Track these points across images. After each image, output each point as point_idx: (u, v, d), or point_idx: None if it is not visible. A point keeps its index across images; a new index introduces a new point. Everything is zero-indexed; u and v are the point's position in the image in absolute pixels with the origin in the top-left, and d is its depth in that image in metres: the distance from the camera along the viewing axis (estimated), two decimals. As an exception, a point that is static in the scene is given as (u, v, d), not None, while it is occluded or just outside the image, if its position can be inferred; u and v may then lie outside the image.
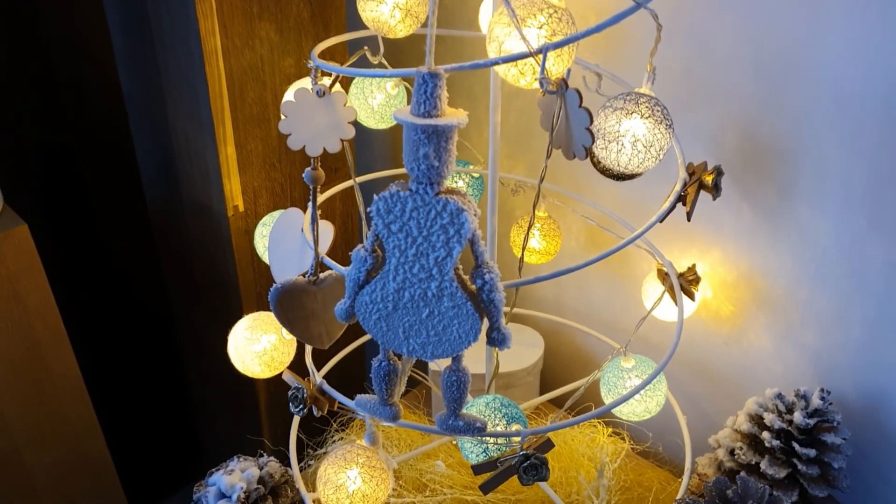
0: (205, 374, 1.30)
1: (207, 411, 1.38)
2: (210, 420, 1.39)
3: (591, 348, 1.19)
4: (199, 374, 1.32)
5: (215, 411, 1.34)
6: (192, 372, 1.35)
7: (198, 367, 1.32)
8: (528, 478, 0.69)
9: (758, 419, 0.92)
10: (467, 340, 0.63)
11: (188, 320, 1.26)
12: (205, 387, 1.33)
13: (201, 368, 1.30)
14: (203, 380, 1.32)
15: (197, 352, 1.28)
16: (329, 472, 0.74)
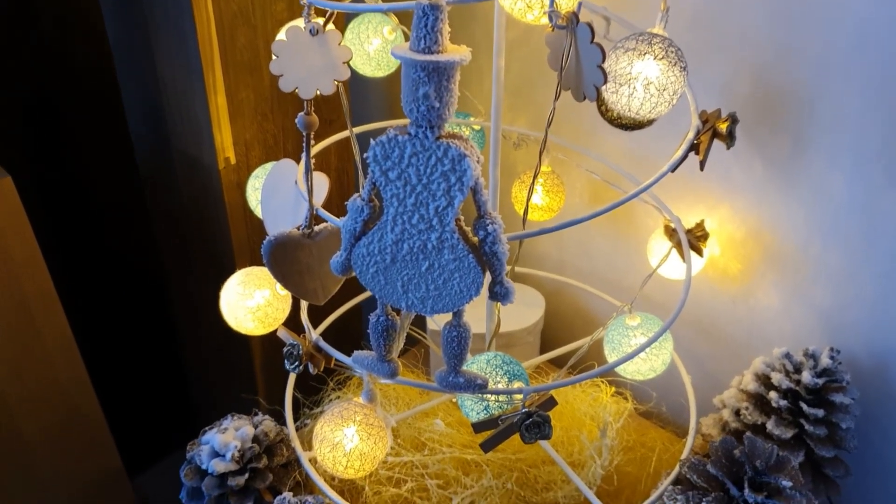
0: (199, 333, 1.27)
1: (202, 371, 1.36)
2: (205, 380, 1.37)
3: (594, 308, 1.16)
4: (193, 333, 1.30)
5: (210, 371, 1.32)
6: (186, 331, 1.33)
7: (191, 326, 1.29)
8: (529, 436, 0.67)
9: (765, 379, 0.90)
10: (469, 294, 0.61)
11: (180, 278, 1.23)
12: (199, 346, 1.31)
13: (195, 327, 1.28)
14: (197, 339, 1.30)
15: (190, 310, 1.26)
16: (325, 430, 0.72)
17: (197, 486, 0.82)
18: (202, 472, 0.82)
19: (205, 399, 1.43)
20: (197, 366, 1.38)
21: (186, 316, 1.29)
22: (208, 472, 0.81)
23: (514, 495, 0.85)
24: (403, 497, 0.84)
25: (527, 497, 0.86)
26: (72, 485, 1.13)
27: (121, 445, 1.25)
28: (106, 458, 1.16)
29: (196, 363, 1.37)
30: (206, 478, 0.81)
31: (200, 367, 1.36)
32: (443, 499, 0.84)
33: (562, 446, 0.87)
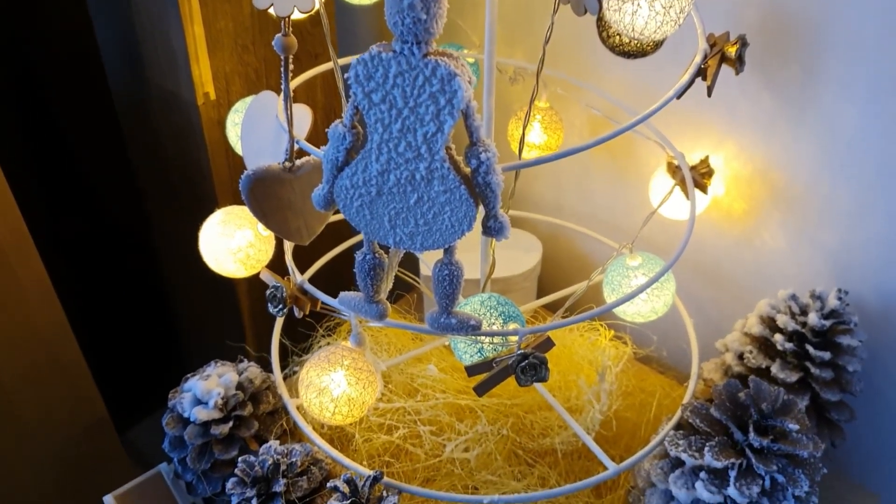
0: (184, 281, 1.23)
1: (188, 320, 1.33)
2: (191, 329, 1.34)
3: (592, 253, 1.13)
4: (179, 281, 1.26)
5: (198, 322, 1.29)
6: (172, 279, 1.29)
7: (177, 274, 1.26)
8: (525, 378, 0.64)
9: (770, 321, 0.87)
10: (460, 229, 0.56)
11: (163, 223, 1.18)
12: (186, 295, 1.27)
13: (180, 275, 1.24)
14: (183, 287, 1.26)
15: (174, 256, 1.22)
16: (311, 374, 0.69)
17: (179, 435, 0.79)
18: (185, 421, 0.79)
19: (194, 350, 1.40)
20: (185, 316, 1.34)
21: (171, 263, 1.25)
22: (191, 421, 0.78)
23: (509, 441, 0.83)
24: (395, 444, 0.82)
25: (523, 443, 0.83)
26: (56, 435, 1.11)
27: (110, 398, 1.22)
28: (90, 408, 1.14)
29: (184, 313, 1.34)
30: (189, 426, 0.78)
31: (189, 317, 1.33)
32: (436, 445, 0.81)
33: (559, 391, 0.84)
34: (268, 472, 0.73)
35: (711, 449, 0.70)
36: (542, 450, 0.85)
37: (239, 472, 0.73)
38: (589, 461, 0.88)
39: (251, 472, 0.73)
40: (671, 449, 0.74)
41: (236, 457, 0.76)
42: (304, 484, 0.73)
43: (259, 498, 0.72)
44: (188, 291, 1.26)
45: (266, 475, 0.73)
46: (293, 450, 0.75)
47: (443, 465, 0.81)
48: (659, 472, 0.75)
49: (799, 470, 0.70)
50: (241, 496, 0.73)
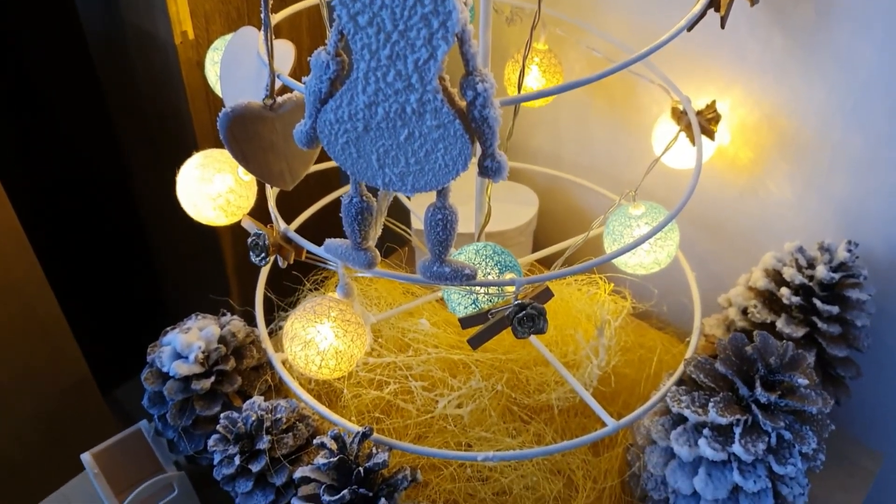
0: (165, 232, 1.19)
1: (171, 275, 1.29)
2: (175, 284, 1.30)
3: (591, 206, 1.09)
4: (160, 232, 1.22)
5: (180, 274, 1.25)
6: (152, 231, 1.24)
7: (157, 225, 1.21)
8: (523, 330, 0.60)
9: (775, 275, 0.83)
10: (455, 169, 0.52)
11: (142, 171, 1.13)
12: (167, 247, 1.23)
13: (161, 226, 1.19)
14: (164, 239, 1.22)
15: (154, 207, 1.17)
16: (296, 326, 0.65)
17: (159, 391, 0.75)
18: (164, 376, 0.75)
19: (179, 307, 1.36)
20: (168, 271, 1.30)
21: (151, 214, 1.21)
22: (170, 376, 0.74)
23: (504, 397, 0.80)
24: (386, 400, 0.78)
25: (518, 399, 0.80)
26: (37, 393, 1.08)
27: (94, 357, 1.19)
28: (72, 366, 1.10)
29: (167, 267, 1.30)
30: (169, 381, 0.74)
31: (172, 271, 1.29)
32: (428, 401, 0.78)
33: (556, 346, 0.81)
34: (251, 429, 0.69)
35: (716, 405, 0.67)
36: (537, 406, 0.82)
37: (221, 429, 0.70)
38: (586, 418, 0.85)
39: (234, 429, 0.69)
40: (673, 405, 0.71)
41: (219, 413, 0.73)
42: (289, 441, 0.70)
43: (242, 455, 0.69)
44: (171, 244, 1.22)
45: (250, 432, 0.69)
46: (278, 406, 0.72)
47: (435, 422, 0.78)
48: (660, 428, 0.73)
49: (806, 427, 0.67)
50: (224, 453, 0.69)
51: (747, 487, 0.66)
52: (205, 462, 0.80)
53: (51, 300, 1.00)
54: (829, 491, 0.85)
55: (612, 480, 0.80)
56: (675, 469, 0.71)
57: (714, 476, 0.69)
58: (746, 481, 0.66)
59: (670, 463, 0.72)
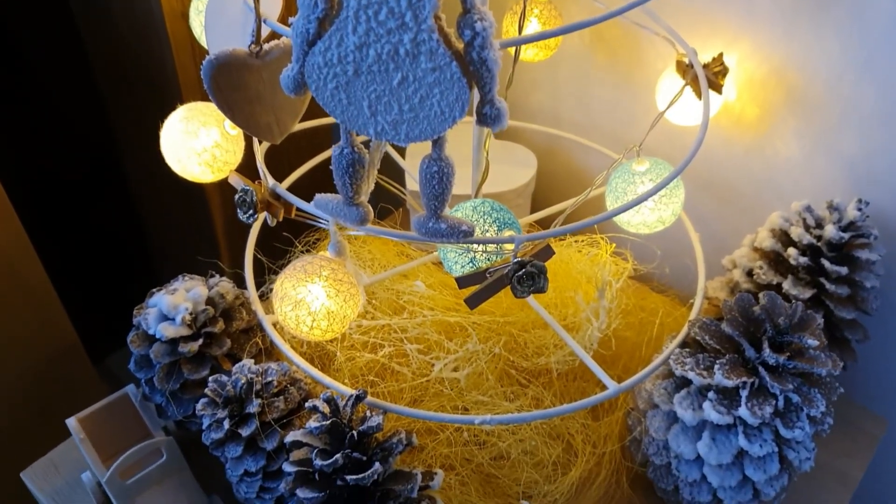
0: (153, 195, 1.16)
1: (160, 240, 1.26)
2: (163, 249, 1.27)
3: (591, 167, 1.06)
4: (147, 195, 1.18)
5: (168, 239, 1.22)
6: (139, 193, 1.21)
7: (144, 188, 1.18)
8: (522, 289, 0.58)
9: (782, 235, 0.81)
10: (451, 116, 0.49)
11: (126, 127, 1.10)
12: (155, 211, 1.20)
13: (148, 189, 1.16)
14: (152, 202, 1.19)
15: (143, 169, 1.14)
16: (286, 286, 0.62)
17: (145, 354, 0.73)
18: (150, 339, 0.73)
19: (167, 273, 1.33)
20: (157, 235, 1.27)
21: (140, 177, 1.17)
22: (157, 338, 0.71)
23: (502, 360, 0.77)
24: (380, 363, 0.76)
25: (516, 363, 0.78)
26: (25, 360, 1.05)
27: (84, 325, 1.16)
28: (59, 332, 1.08)
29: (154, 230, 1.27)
30: (155, 344, 0.72)
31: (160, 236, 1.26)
32: (423, 365, 0.76)
33: (555, 309, 0.79)
34: (241, 392, 0.67)
35: (722, 367, 0.65)
36: (536, 370, 0.80)
37: (209, 392, 0.68)
38: (585, 382, 0.83)
39: (223, 392, 0.67)
40: (677, 368, 0.69)
41: (207, 377, 0.70)
42: (280, 405, 0.67)
43: (231, 419, 0.66)
44: (158, 207, 1.18)
45: (239, 395, 0.67)
46: (269, 369, 0.69)
47: (431, 386, 0.76)
48: (662, 392, 0.70)
49: (815, 389, 0.65)
50: (213, 417, 0.67)
51: (753, 452, 0.65)
52: (194, 427, 0.78)
53: (36, 265, 0.97)
54: (833, 456, 0.83)
55: (611, 445, 0.78)
56: (677, 433, 0.69)
57: (718, 440, 0.67)
58: (752, 445, 0.65)
59: (673, 427, 0.70)
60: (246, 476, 0.68)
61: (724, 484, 0.68)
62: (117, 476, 0.70)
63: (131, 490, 0.72)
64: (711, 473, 0.68)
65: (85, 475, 0.77)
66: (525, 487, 0.73)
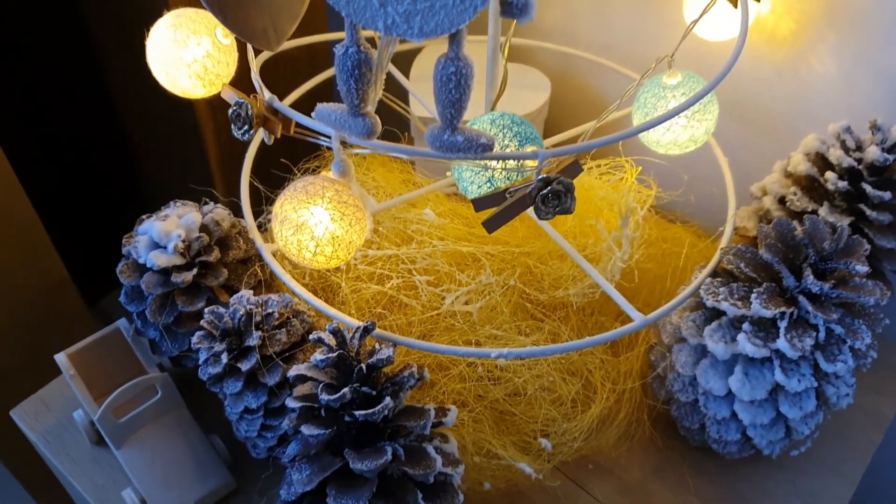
0: (143, 125, 1.10)
1: (150, 172, 1.20)
2: (154, 183, 1.21)
3: (609, 92, 0.99)
4: (137, 125, 1.12)
5: (159, 171, 1.16)
6: (129, 122, 1.15)
7: (134, 116, 1.11)
8: (547, 209, 0.52)
9: (818, 159, 0.75)
10: (472, 5, 0.43)
11: (111, 48, 1.02)
12: (146, 140, 1.14)
13: (138, 117, 1.10)
14: (142, 130, 1.12)
15: (131, 94, 1.07)
16: (287, 208, 0.57)
17: (136, 285, 0.68)
18: (141, 268, 0.68)
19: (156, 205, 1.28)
20: (145, 165, 1.21)
21: (128, 104, 1.10)
22: (148, 268, 0.66)
23: (517, 293, 0.73)
24: (388, 296, 0.71)
25: (531, 296, 0.73)
26: (14, 297, 1.01)
27: (78, 267, 1.12)
28: (49, 268, 1.03)
29: (144, 162, 1.20)
30: (146, 274, 0.67)
31: (149, 166, 1.19)
32: (434, 298, 0.71)
33: (574, 238, 0.74)
34: (239, 324, 0.62)
35: (759, 296, 0.60)
36: (552, 304, 0.75)
37: (205, 324, 0.63)
38: (604, 316, 0.78)
39: (220, 324, 0.62)
40: (707, 299, 0.64)
41: (203, 309, 0.66)
42: (282, 338, 0.63)
43: (230, 353, 0.62)
44: (148, 138, 1.12)
45: (237, 327, 0.62)
46: (269, 300, 0.65)
47: (441, 320, 0.71)
48: (691, 325, 0.66)
49: (859, 321, 0.60)
50: (209, 351, 0.62)
51: (790, 387, 0.60)
52: (190, 364, 0.74)
53: (21, 197, 0.92)
54: (862, 393, 0.79)
55: (632, 382, 0.74)
56: (706, 369, 0.65)
57: (752, 375, 0.62)
58: (789, 380, 0.60)
59: (701, 362, 0.66)
60: (246, 413, 0.64)
61: (755, 421, 0.64)
62: (110, 413, 0.66)
63: (125, 428, 0.68)
64: (743, 410, 0.64)
65: (77, 413, 0.73)
66: (542, 425, 0.70)
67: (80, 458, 0.73)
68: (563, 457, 0.71)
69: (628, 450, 0.74)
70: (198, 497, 0.67)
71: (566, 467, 0.73)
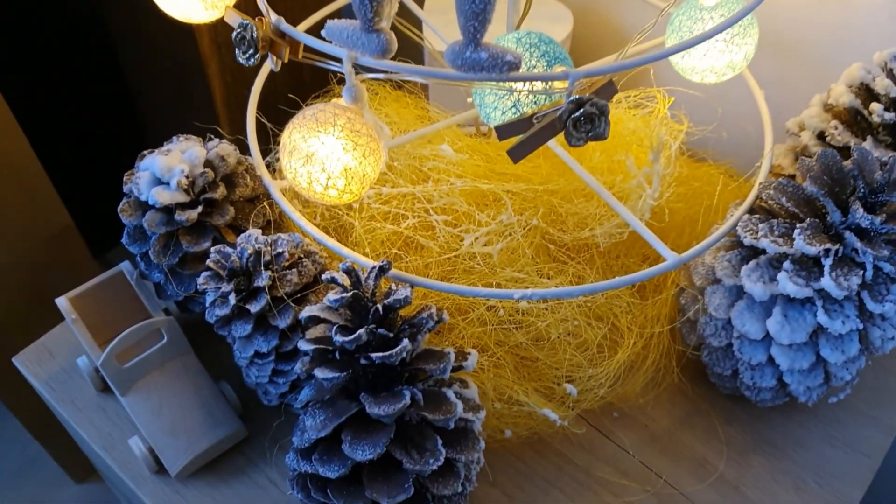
0: (146, 65, 1.05)
1: (154, 116, 1.16)
2: (157, 126, 1.17)
3: (634, 24, 0.94)
4: (139, 64, 1.08)
5: (162, 114, 1.12)
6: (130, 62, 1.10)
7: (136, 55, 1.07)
8: (579, 134, 0.48)
9: (863, 89, 0.70)
10: None
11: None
12: (148, 82, 1.09)
13: (140, 58, 1.05)
14: (145, 71, 1.08)
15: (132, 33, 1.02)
16: (295, 137, 0.53)
17: (139, 224, 0.64)
18: (144, 206, 0.64)
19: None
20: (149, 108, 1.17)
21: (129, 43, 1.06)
22: (150, 205, 0.63)
23: (539, 234, 0.69)
24: (403, 236, 0.68)
25: (555, 237, 0.69)
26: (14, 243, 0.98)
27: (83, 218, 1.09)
28: (51, 214, 1.00)
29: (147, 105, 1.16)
30: (149, 212, 0.63)
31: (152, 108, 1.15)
32: (452, 238, 0.67)
33: (601, 175, 0.69)
34: (248, 264, 0.59)
35: (803, 232, 0.56)
36: (576, 246, 0.72)
37: (212, 264, 0.59)
38: (630, 259, 0.75)
39: (227, 264, 0.59)
40: (745, 236, 0.60)
41: (209, 250, 0.62)
42: (293, 278, 0.59)
43: (238, 294, 0.58)
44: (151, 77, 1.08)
45: (246, 267, 0.59)
46: (279, 239, 0.61)
47: (460, 262, 0.67)
48: (726, 265, 0.62)
49: (910, 258, 0.56)
50: (217, 292, 0.59)
51: (833, 329, 0.56)
52: (198, 310, 0.71)
53: (21, 141, 0.88)
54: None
55: (659, 328, 0.70)
56: (742, 311, 0.61)
57: (791, 317, 0.59)
58: (833, 322, 0.56)
59: (737, 304, 0.62)
60: (256, 358, 0.61)
61: (793, 366, 0.60)
62: (113, 359, 0.63)
63: (130, 374, 0.65)
64: (780, 355, 0.60)
65: (81, 360, 0.70)
66: (566, 371, 0.66)
67: (85, 405, 0.70)
68: (588, 404, 0.68)
69: (655, 397, 0.71)
70: (207, 446, 0.64)
71: (590, 415, 0.70)
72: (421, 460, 0.53)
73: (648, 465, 0.67)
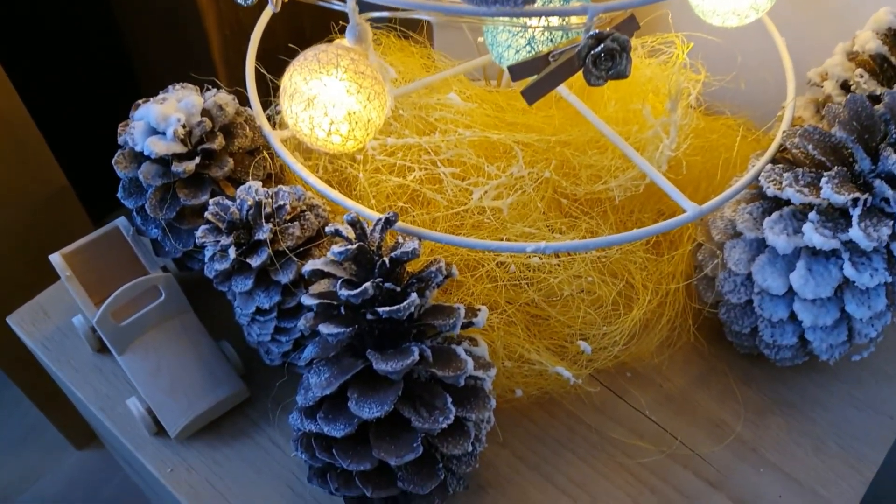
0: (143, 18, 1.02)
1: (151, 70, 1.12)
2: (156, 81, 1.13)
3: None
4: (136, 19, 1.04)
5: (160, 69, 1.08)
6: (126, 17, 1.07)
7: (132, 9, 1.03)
8: (598, 72, 0.45)
9: (891, 35, 0.67)
10: None
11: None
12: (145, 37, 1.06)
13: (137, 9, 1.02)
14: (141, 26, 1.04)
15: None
16: (297, 79, 0.50)
17: (134, 177, 0.62)
18: (139, 157, 0.61)
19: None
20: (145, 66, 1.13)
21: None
22: (145, 156, 0.60)
23: (552, 187, 0.66)
24: (410, 190, 0.65)
25: (567, 191, 0.67)
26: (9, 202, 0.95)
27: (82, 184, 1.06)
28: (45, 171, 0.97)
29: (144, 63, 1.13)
30: (144, 163, 0.61)
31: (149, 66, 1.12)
32: (461, 192, 0.64)
33: (617, 125, 0.66)
34: (248, 217, 0.56)
35: (830, 181, 0.53)
36: (589, 200, 0.69)
37: (211, 216, 0.57)
38: (645, 214, 0.72)
39: (226, 216, 0.56)
40: (768, 187, 0.57)
41: (207, 202, 0.59)
42: (296, 231, 0.57)
43: (238, 248, 0.56)
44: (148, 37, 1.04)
45: (246, 220, 0.56)
46: (280, 191, 0.58)
47: (468, 216, 0.65)
48: (747, 217, 0.59)
49: (943, 207, 0.53)
50: (216, 246, 0.57)
51: (861, 282, 0.54)
52: (197, 267, 0.68)
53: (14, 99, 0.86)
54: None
55: (675, 285, 0.68)
56: (763, 265, 0.59)
57: (816, 271, 0.56)
58: (861, 275, 0.54)
59: (758, 258, 0.59)
60: (258, 315, 0.59)
61: (817, 323, 0.58)
62: (109, 317, 0.61)
63: (127, 333, 0.63)
64: (803, 310, 0.58)
65: (76, 319, 0.68)
66: (579, 329, 0.64)
67: (81, 366, 0.68)
68: (601, 364, 0.65)
69: (670, 357, 0.69)
70: (207, 406, 0.62)
71: (603, 375, 0.68)
72: (430, 418, 0.51)
73: (663, 425, 0.65)
